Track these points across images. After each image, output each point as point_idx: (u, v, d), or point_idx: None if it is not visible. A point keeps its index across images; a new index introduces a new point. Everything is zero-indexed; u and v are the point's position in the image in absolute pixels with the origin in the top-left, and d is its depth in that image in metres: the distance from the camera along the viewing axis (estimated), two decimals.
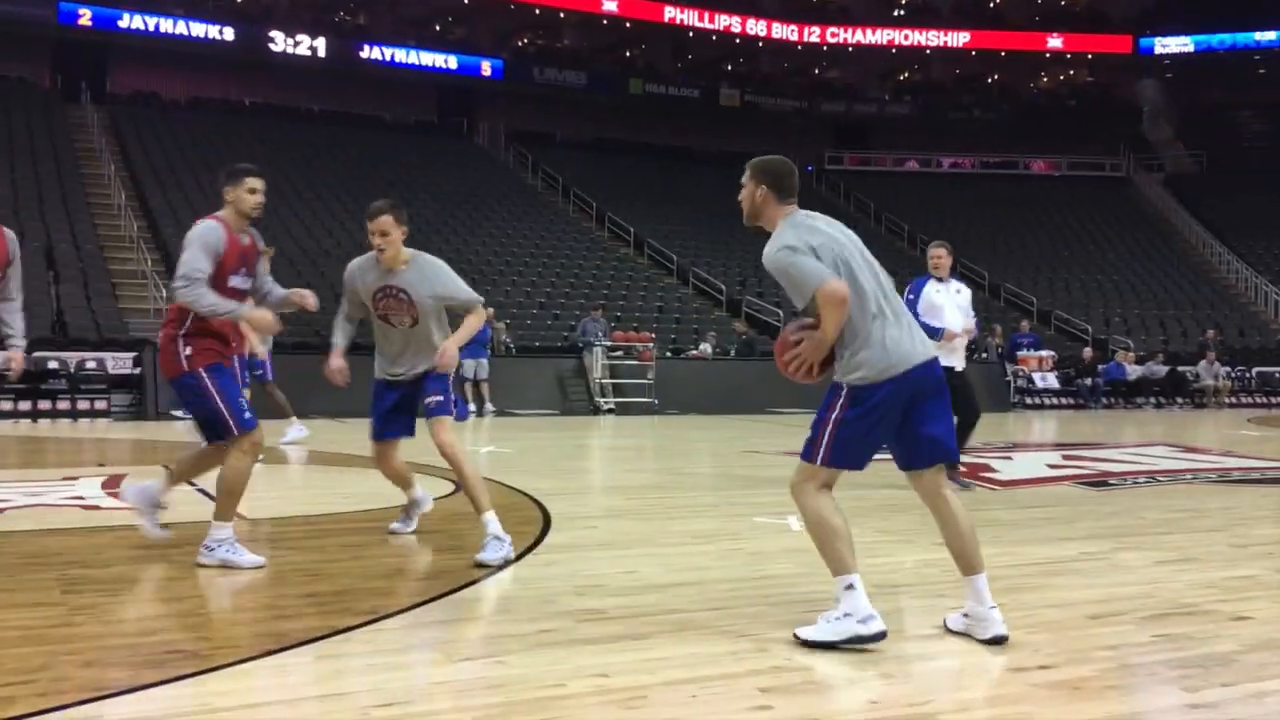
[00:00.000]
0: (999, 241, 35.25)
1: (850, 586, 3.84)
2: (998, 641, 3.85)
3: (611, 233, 30.25)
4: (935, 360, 4.01)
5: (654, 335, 21.34)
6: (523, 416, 17.89)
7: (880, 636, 3.78)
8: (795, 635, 3.87)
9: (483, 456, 10.62)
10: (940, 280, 8.49)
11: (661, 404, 19.35)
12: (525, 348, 20.94)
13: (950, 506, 4.01)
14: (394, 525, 6.14)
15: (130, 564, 5.22)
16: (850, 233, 4.15)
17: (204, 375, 5.15)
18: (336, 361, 5.72)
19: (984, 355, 23.76)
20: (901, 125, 42.37)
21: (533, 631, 4.03)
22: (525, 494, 7.72)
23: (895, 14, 43.22)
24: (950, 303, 8.44)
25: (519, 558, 5.41)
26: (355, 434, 12.19)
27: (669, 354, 21.56)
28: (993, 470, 9.88)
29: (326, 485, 8.76)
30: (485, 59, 37.43)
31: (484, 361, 17.98)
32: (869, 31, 41.96)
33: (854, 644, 3.76)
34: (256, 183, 5.58)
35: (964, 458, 10.99)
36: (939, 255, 8.54)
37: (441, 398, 5.55)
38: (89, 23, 31.89)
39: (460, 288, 5.70)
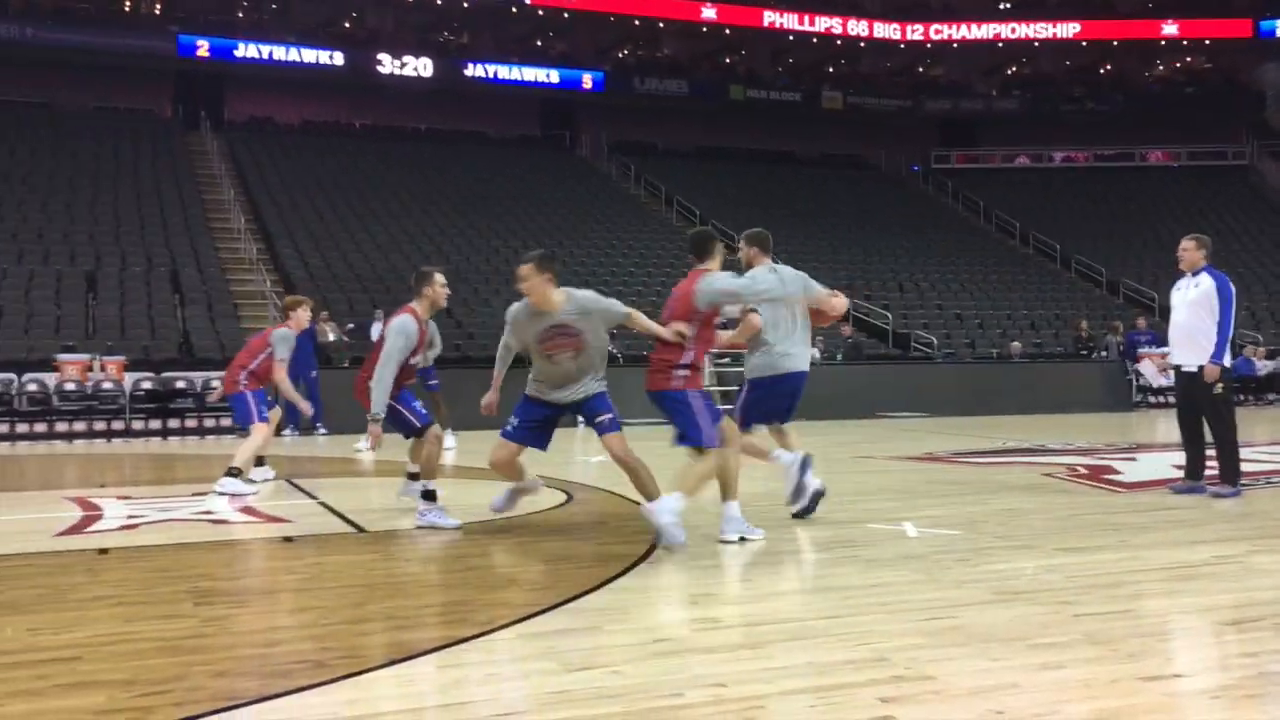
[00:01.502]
0: (1116, 236, 34.23)
1: None
2: None
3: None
4: None
5: None
6: (631, 426, 17.92)
7: None
8: None
9: (593, 467, 10.69)
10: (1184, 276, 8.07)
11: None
12: (633, 357, 21.01)
13: None
14: (496, 501, 6.73)
15: (257, 576, 5.38)
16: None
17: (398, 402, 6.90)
18: (493, 397, 6.52)
19: (1104, 354, 23.09)
20: (1010, 121, 41.44)
21: (648, 641, 4.04)
22: (637, 503, 7.74)
23: (1001, 7, 42.31)
24: (1180, 300, 8.01)
25: (631, 567, 5.42)
26: (465, 445, 12.41)
27: None
28: (1116, 472, 9.58)
29: (448, 497, 8.89)
30: (586, 71, 37.75)
31: None
32: (974, 27, 41.18)
33: None
34: (442, 277, 7.08)
35: (1084, 460, 10.69)
36: (1181, 249, 8.07)
37: (610, 415, 6.15)
38: (206, 54, 33.06)
39: (611, 306, 6.18)
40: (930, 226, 34.35)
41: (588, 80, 37.58)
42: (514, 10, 37.00)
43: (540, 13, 37.50)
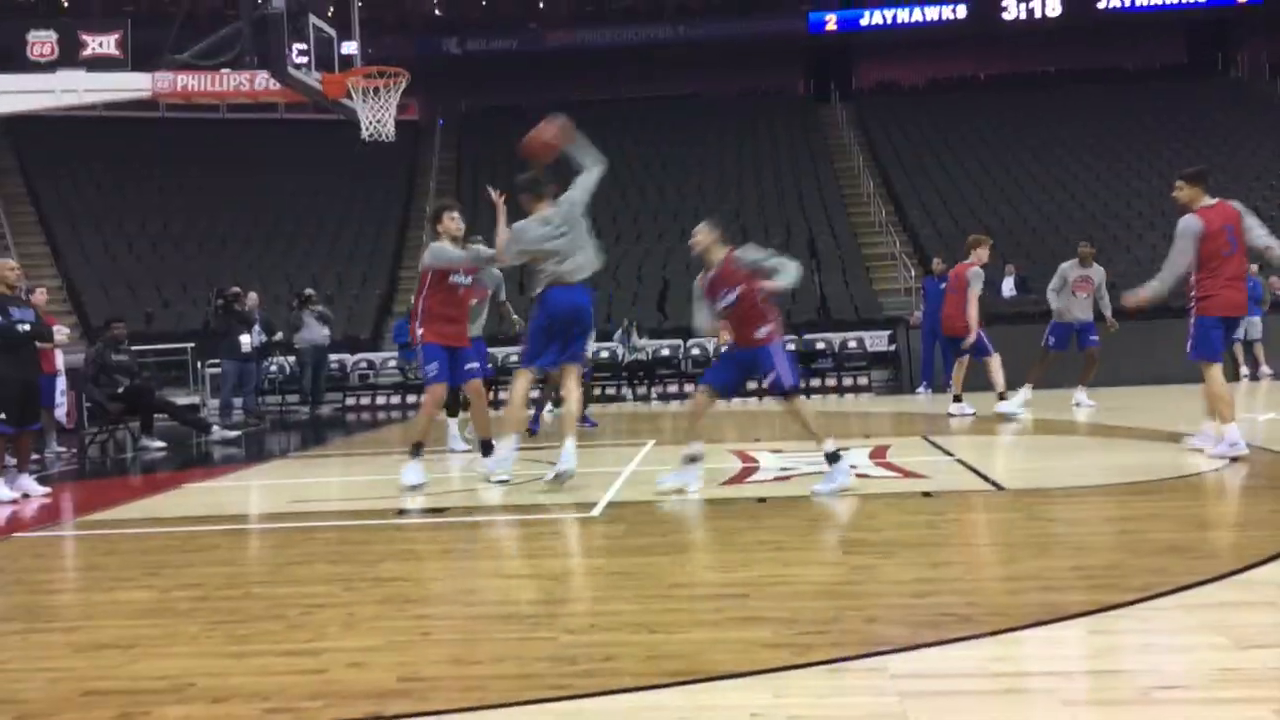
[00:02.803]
0: None
1: None
2: None
3: None
4: None
5: None
6: None
7: None
8: None
9: (1260, 425, 9.57)
10: None
11: None
12: None
13: None
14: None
15: (898, 529, 5.54)
16: None
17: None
18: None
19: None
20: None
21: None
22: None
23: None
24: None
25: None
26: (1113, 404, 11.73)
27: None
28: None
29: (1088, 457, 8.52)
30: None
31: (1256, 320, 16.14)
32: None
33: None
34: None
35: None
36: None
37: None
38: (834, 27, 34.40)
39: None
40: None
41: None
42: None
43: None
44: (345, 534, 6.09)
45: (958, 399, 11.54)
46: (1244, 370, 15.87)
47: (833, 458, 6.52)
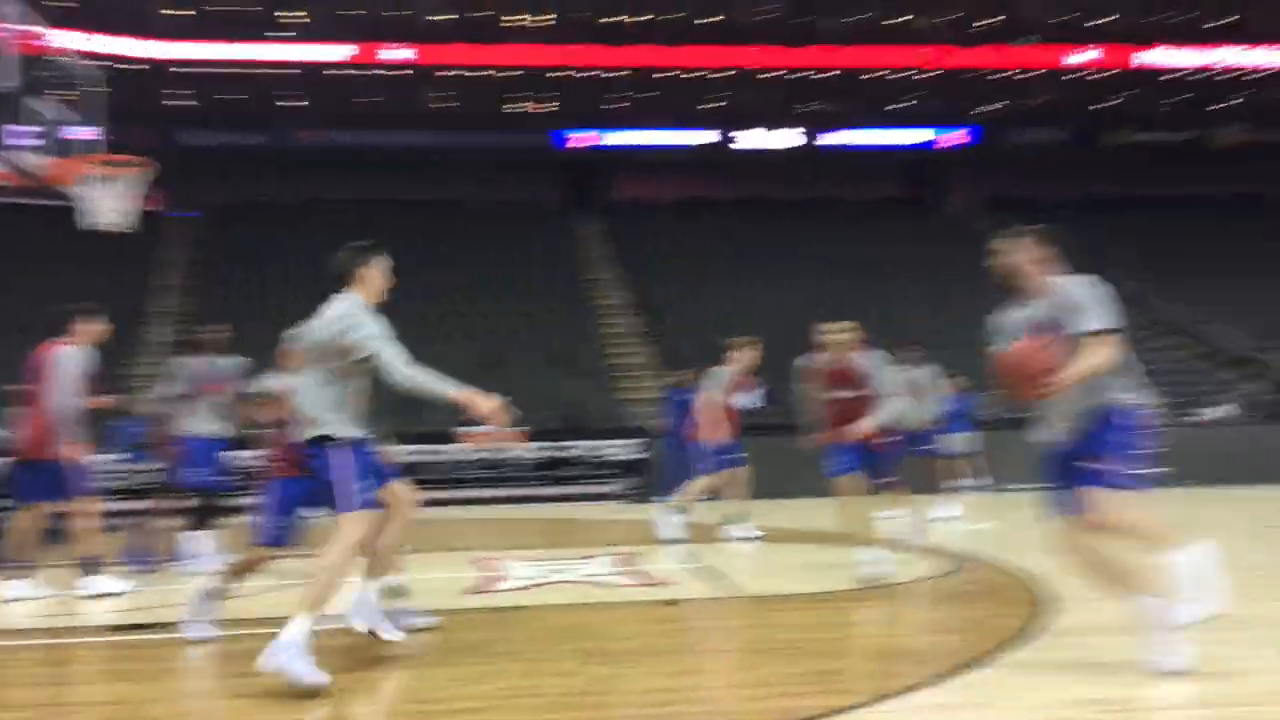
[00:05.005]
0: None
1: None
2: None
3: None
4: None
5: (1164, 399, 19.59)
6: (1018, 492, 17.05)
7: None
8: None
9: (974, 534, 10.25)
10: None
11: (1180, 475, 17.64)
12: (1014, 420, 20.07)
13: None
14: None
15: (641, 638, 5.56)
16: None
17: None
18: None
19: None
20: None
21: None
22: (1014, 576, 7.34)
23: None
24: None
25: (1022, 641, 5.14)
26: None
27: (1183, 417, 19.71)
28: None
29: (824, 562, 8.84)
30: (952, 128, 36.99)
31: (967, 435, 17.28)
32: None
33: None
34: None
35: None
36: None
37: None
38: (586, 144, 35.62)
39: None
40: None
41: (954, 137, 36.80)
42: (872, 75, 37.07)
43: (901, 74, 37.34)
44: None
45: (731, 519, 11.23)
46: (965, 481, 16.67)
47: None
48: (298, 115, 35.71)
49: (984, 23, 38.52)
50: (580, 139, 35.49)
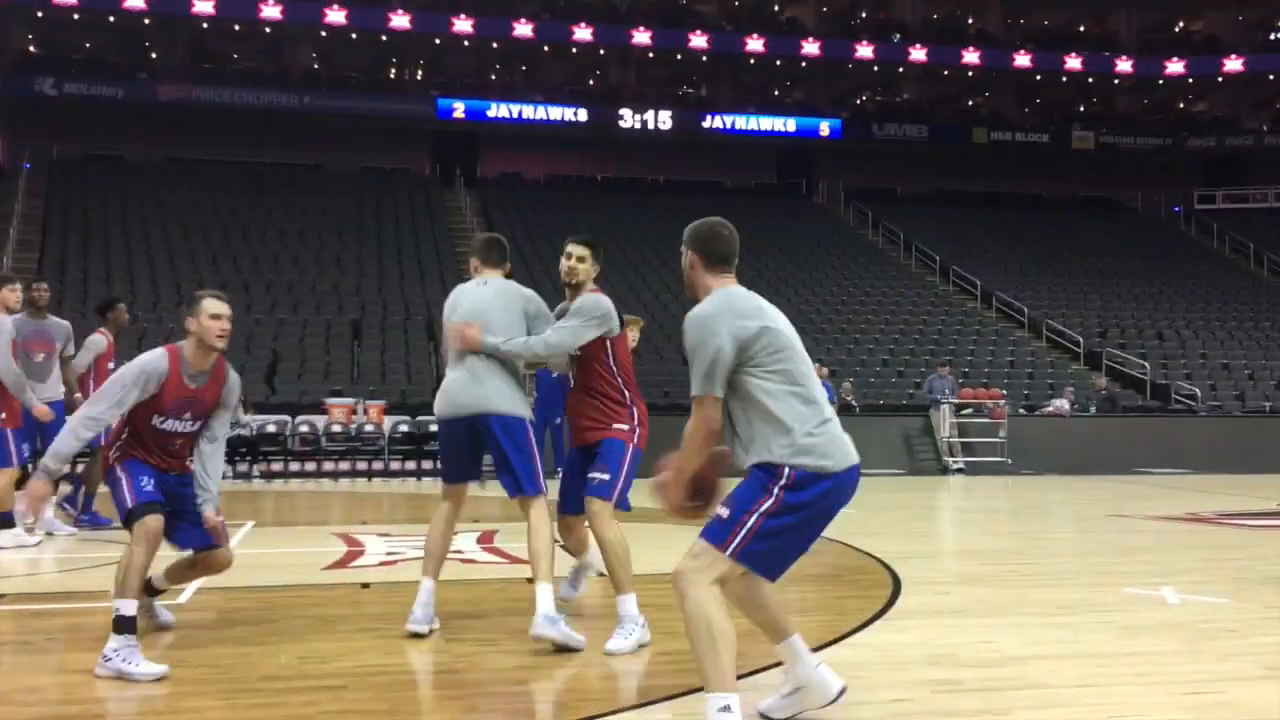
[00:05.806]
0: None
1: (726, 709, 3.22)
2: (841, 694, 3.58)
3: (957, 287, 29.40)
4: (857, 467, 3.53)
5: (1005, 392, 20.47)
6: (869, 476, 17.62)
7: None
8: None
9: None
10: None
11: (1015, 464, 18.51)
12: (870, 406, 20.68)
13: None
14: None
15: (503, 616, 5.59)
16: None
17: None
18: None
19: None
20: None
21: (886, 700, 3.97)
22: (873, 556, 7.62)
23: (1273, 38, 39.57)
24: None
25: (869, 623, 5.34)
26: None
27: (1022, 411, 20.60)
28: None
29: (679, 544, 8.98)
30: (823, 119, 37.70)
31: None
32: (1243, 60, 38.63)
33: None
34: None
35: None
36: None
37: None
38: (462, 115, 35.03)
39: None
40: (1193, 271, 32.34)
41: (825, 128, 37.50)
42: (751, 62, 37.46)
43: (778, 62, 37.84)
44: None
45: None
46: None
47: None
48: (157, 67, 34.37)
49: (865, 16, 39.51)
50: (456, 110, 34.95)
